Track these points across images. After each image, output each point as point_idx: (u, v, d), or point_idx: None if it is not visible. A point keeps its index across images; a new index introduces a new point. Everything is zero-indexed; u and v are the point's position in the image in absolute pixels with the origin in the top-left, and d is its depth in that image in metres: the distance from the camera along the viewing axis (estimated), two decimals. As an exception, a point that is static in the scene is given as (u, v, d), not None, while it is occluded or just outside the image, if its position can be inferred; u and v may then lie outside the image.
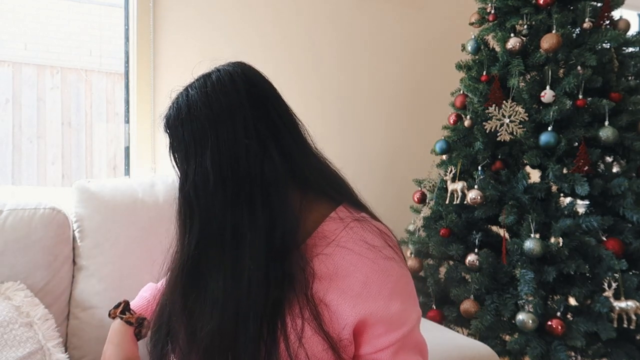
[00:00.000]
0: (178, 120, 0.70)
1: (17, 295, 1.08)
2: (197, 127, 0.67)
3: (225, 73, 0.71)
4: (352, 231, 0.67)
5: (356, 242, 0.66)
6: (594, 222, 1.33)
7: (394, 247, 0.68)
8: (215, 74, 0.71)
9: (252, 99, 0.68)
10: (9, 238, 1.14)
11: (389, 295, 0.64)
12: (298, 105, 0.78)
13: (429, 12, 2.12)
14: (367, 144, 2.02)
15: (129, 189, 1.31)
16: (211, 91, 0.69)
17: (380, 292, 0.64)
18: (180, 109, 0.70)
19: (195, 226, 0.66)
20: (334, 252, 0.66)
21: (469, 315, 1.38)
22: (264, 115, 0.68)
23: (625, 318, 1.25)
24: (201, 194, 0.66)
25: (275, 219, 0.65)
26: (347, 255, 0.65)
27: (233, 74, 0.70)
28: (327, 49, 1.93)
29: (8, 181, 2.14)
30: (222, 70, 0.71)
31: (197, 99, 0.69)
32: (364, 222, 0.69)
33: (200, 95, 0.69)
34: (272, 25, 1.84)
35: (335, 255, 0.66)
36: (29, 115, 2.17)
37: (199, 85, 0.71)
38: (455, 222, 1.50)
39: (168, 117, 0.73)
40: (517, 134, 1.42)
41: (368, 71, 2.02)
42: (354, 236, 0.66)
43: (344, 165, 0.81)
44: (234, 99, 0.68)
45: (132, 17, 1.67)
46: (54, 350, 1.02)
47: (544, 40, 1.42)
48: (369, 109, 2.02)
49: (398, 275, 0.66)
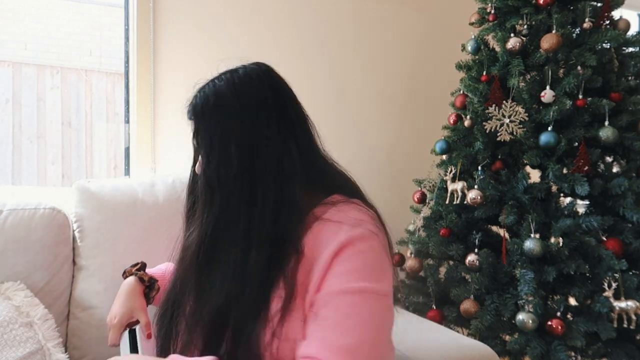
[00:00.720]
0: (206, 108, 0.73)
1: (17, 295, 1.08)
2: (224, 114, 0.72)
3: (251, 69, 0.75)
4: (339, 206, 0.70)
5: (339, 214, 0.69)
6: (594, 222, 1.33)
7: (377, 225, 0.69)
8: (241, 69, 0.75)
9: (275, 96, 0.74)
10: (9, 238, 1.14)
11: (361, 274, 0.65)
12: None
13: (429, 12, 2.12)
14: (367, 144, 2.02)
15: (129, 189, 1.31)
16: (239, 84, 0.73)
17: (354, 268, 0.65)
18: (207, 97, 0.74)
19: (215, 207, 0.70)
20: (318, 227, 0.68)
21: (469, 315, 1.38)
22: (285, 113, 0.74)
23: (625, 318, 1.25)
24: (223, 178, 0.70)
25: (283, 207, 0.69)
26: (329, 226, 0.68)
27: (259, 72, 0.75)
28: (325, 50, 1.93)
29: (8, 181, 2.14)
30: (248, 67, 0.76)
31: (225, 90, 0.73)
32: (353, 204, 0.71)
33: (228, 86, 0.73)
34: (271, 25, 1.84)
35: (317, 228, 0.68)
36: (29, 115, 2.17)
37: (227, 78, 0.74)
38: (455, 222, 1.50)
39: (195, 105, 0.75)
40: (517, 134, 1.42)
41: (368, 71, 2.01)
42: (340, 210, 0.69)
43: (343, 165, 0.82)
44: (260, 93, 0.73)
45: (132, 17, 1.67)
46: (54, 350, 1.02)
47: (544, 40, 1.42)
48: (369, 108, 2.02)
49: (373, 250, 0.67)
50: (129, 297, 0.92)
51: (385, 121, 2.05)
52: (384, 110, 2.05)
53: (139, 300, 0.92)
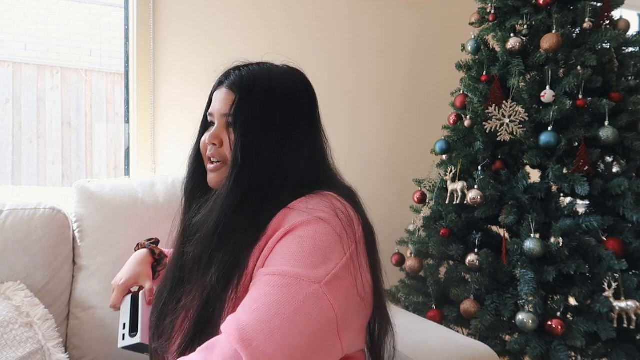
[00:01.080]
0: (254, 84, 0.76)
1: (17, 295, 1.08)
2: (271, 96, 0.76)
3: (293, 69, 0.82)
4: (307, 199, 0.71)
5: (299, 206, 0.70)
6: (594, 222, 1.33)
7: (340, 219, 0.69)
8: (280, 65, 0.82)
9: (306, 96, 0.81)
10: (9, 238, 1.14)
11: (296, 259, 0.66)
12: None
13: (429, 12, 2.12)
14: (367, 144, 2.02)
15: (129, 189, 1.31)
16: (284, 75, 0.79)
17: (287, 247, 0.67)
18: (254, 75, 0.77)
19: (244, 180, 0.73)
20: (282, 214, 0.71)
21: (469, 315, 1.38)
22: (311, 117, 0.81)
23: (625, 318, 1.25)
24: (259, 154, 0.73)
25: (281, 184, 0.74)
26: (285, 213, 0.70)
27: (300, 73, 0.82)
28: (325, 50, 1.93)
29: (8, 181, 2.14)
30: (286, 65, 0.83)
31: (271, 74, 0.78)
32: (322, 195, 0.72)
33: (275, 74, 0.78)
34: (271, 25, 1.84)
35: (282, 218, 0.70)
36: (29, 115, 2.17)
37: (271, 66, 0.80)
38: (455, 222, 1.50)
39: (241, 77, 0.78)
40: (517, 134, 1.42)
41: (368, 71, 2.02)
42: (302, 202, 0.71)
43: (343, 165, 0.82)
44: (297, 88, 0.79)
45: (132, 17, 1.67)
46: (54, 351, 1.02)
47: (544, 40, 1.42)
48: (369, 108, 2.02)
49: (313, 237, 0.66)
50: (137, 263, 0.93)
51: (385, 121, 2.05)
52: (383, 110, 2.05)
53: (146, 269, 0.93)
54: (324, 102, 0.84)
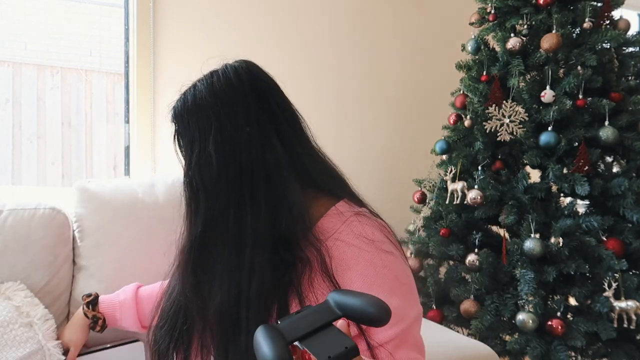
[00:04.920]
0: (184, 109, 0.74)
1: (17, 295, 1.08)
2: (202, 115, 0.71)
3: (230, 67, 0.75)
4: (352, 225, 0.68)
5: (356, 236, 0.66)
6: (594, 222, 1.33)
7: (393, 242, 0.69)
8: (221, 69, 0.75)
9: (255, 91, 0.72)
10: (9, 238, 1.14)
11: (388, 290, 0.64)
12: (297, 105, 0.79)
13: (429, 12, 2.12)
14: (367, 144, 2.02)
15: (129, 189, 1.31)
16: (217, 82, 0.73)
17: (380, 286, 0.64)
18: (186, 99, 0.74)
19: (201, 209, 0.69)
20: (334, 246, 0.66)
21: (469, 315, 1.38)
22: (266, 107, 0.72)
23: (625, 318, 1.25)
24: (205, 179, 0.69)
25: (278, 206, 0.67)
26: (347, 249, 0.66)
27: (238, 68, 0.74)
28: (325, 50, 1.93)
29: (8, 181, 2.14)
30: (229, 65, 0.76)
31: (203, 90, 0.73)
32: (362, 217, 0.69)
33: (207, 86, 0.73)
34: (271, 25, 1.84)
35: (335, 250, 0.66)
36: (29, 115, 2.17)
37: (206, 77, 0.75)
38: (455, 222, 1.50)
39: (175, 107, 0.77)
40: (517, 134, 1.42)
41: (368, 71, 2.01)
42: (353, 230, 0.67)
43: (343, 165, 0.81)
44: (237, 89, 0.71)
45: (132, 17, 1.67)
46: (54, 351, 1.02)
47: (544, 40, 1.42)
48: (369, 108, 2.02)
49: (398, 269, 0.66)
50: (70, 329, 1.02)
51: (385, 121, 2.05)
52: (384, 110, 2.05)
53: (77, 334, 1.01)
54: (323, 102, 0.84)
